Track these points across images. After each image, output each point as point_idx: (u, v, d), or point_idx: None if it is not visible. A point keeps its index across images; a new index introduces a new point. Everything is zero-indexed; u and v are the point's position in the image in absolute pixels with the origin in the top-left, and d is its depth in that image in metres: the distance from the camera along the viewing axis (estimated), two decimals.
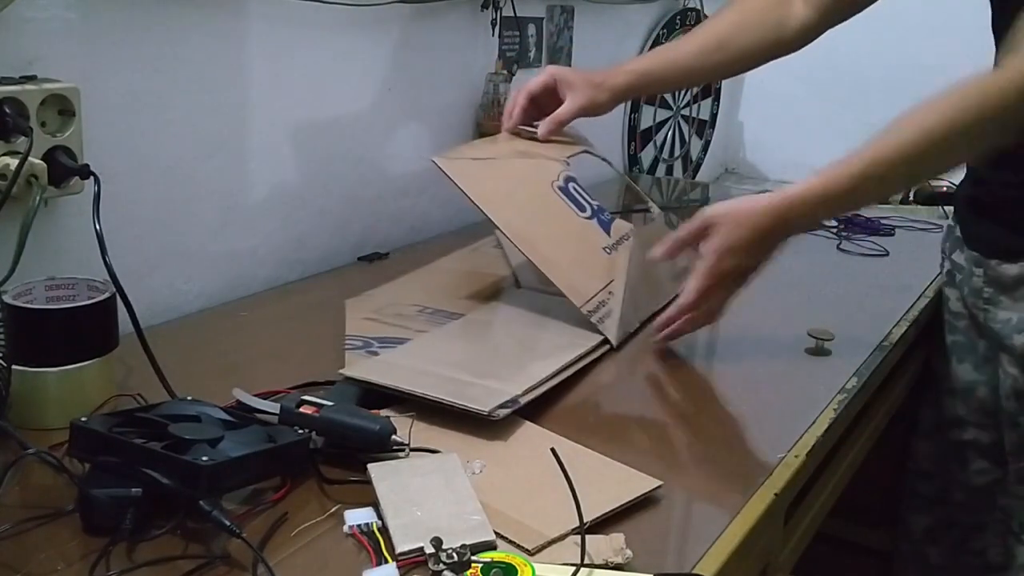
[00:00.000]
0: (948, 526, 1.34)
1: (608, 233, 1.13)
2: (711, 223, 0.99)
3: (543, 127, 1.19)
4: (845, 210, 0.98)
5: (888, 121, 0.95)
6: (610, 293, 1.06)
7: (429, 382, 0.87)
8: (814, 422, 0.91)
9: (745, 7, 1.22)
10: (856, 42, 1.29)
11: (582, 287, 1.04)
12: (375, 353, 0.97)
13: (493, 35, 1.61)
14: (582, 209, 1.14)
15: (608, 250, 1.11)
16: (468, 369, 0.92)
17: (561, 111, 1.18)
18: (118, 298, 0.85)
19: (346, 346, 0.98)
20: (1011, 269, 1.13)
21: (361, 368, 0.91)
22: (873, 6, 1.18)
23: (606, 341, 1.03)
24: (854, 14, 1.20)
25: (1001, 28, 1.19)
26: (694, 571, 0.67)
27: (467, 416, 0.85)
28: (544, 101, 1.20)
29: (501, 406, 0.84)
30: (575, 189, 1.15)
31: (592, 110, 1.20)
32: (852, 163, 0.95)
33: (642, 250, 1.11)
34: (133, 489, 0.66)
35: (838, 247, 1.55)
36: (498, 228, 1.06)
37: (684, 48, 1.24)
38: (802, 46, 1.22)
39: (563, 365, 0.96)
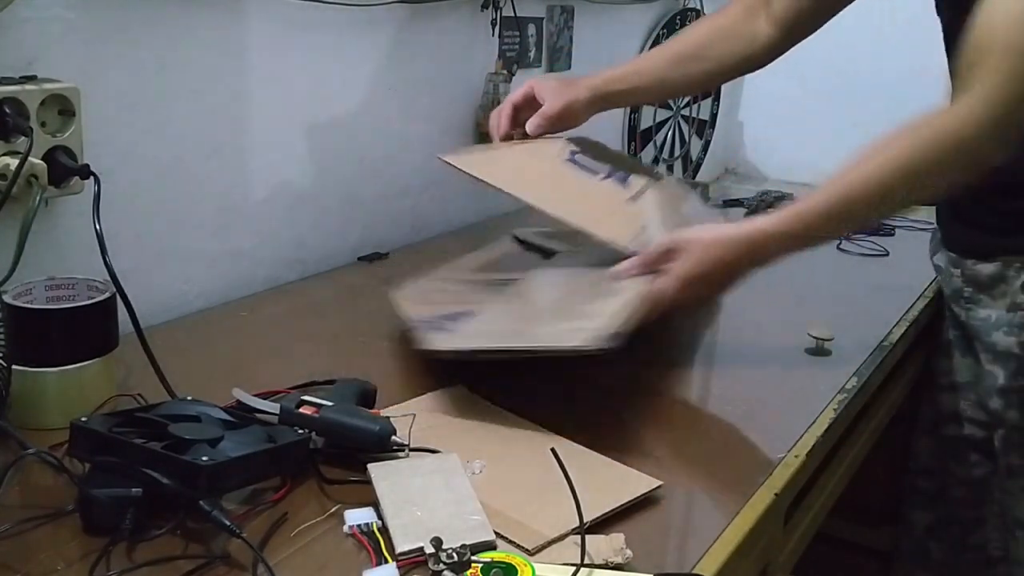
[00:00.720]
0: (949, 522, 1.35)
1: (626, 188, 1.16)
2: (678, 247, 0.97)
3: (531, 123, 1.20)
4: (811, 245, 0.99)
5: (867, 144, 0.96)
6: (644, 227, 1.06)
7: (525, 337, 0.89)
8: (814, 422, 0.91)
9: (717, 22, 1.25)
10: (855, 43, 1.29)
11: (621, 232, 1.04)
12: (444, 328, 0.95)
13: (493, 35, 1.61)
14: (595, 173, 1.17)
15: (633, 199, 1.14)
16: (556, 315, 0.94)
17: (545, 107, 1.19)
18: (118, 298, 0.85)
19: (416, 327, 0.96)
20: (987, 268, 1.15)
21: (448, 340, 0.90)
22: (873, 7, 1.18)
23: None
24: (816, 30, 1.22)
25: (951, 46, 1.21)
26: (694, 571, 0.67)
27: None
28: (528, 113, 1.21)
29: (605, 339, 0.85)
30: (582, 160, 1.19)
31: (573, 107, 1.20)
32: (822, 200, 0.95)
33: (668, 195, 1.15)
34: (133, 489, 0.66)
35: (838, 247, 1.55)
36: (522, 201, 1.05)
37: (659, 56, 1.26)
38: (770, 61, 1.24)
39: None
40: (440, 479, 0.72)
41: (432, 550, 0.63)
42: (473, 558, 0.62)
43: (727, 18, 1.24)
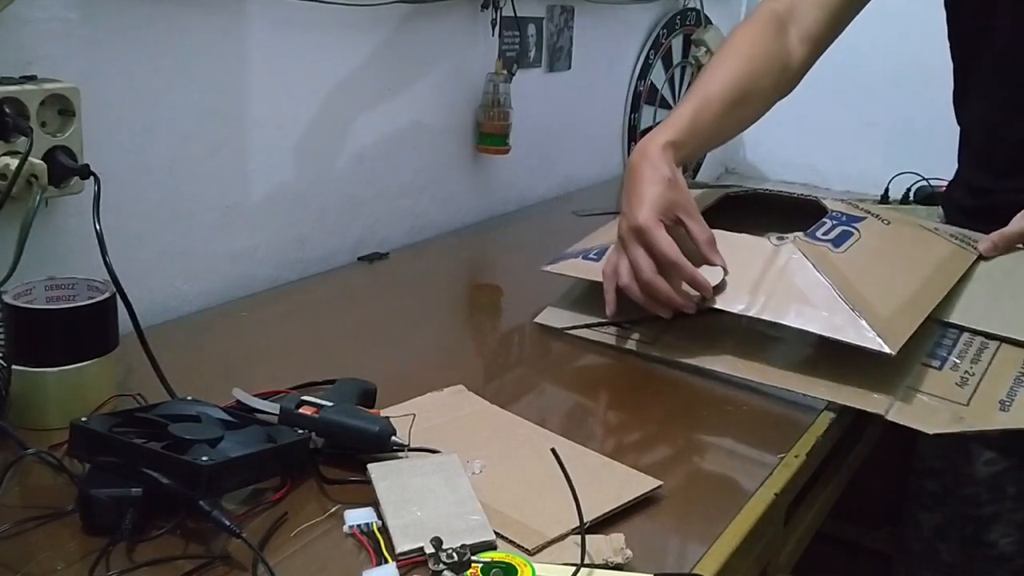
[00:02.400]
0: (960, 522, 1.34)
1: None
2: None
3: (719, 260, 1.01)
4: None
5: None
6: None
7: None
8: (814, 422, 0.91)
9: (749, 53, 1.14)
10: (856, 42, 1.29)
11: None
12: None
13: (493, 35, 1.61)
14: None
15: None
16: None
17: (703, 235, 1.02)
18: (118, 298, 0.85)
19: None
20: None
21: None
22: (874, 6, 1.18)
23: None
24: (834, 40, 1.19)
25: (953, 40, 1.20)
26: (694, 571, 0.67)
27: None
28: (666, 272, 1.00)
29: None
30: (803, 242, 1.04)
31: (685, 190, 1.06)
32: None
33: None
34: (133, 489, 0.66)
35: None
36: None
37: (712, 107, 1.10)
38: (795, 87, 1.19)
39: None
40: (440, 479, 0.72)
41: (432, 550, 0.63)
42: (473, 558, 0.62)
43: (759, 41, 1.14)
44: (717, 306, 0.98)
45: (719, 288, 0.98)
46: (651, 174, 1.01)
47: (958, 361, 0.97)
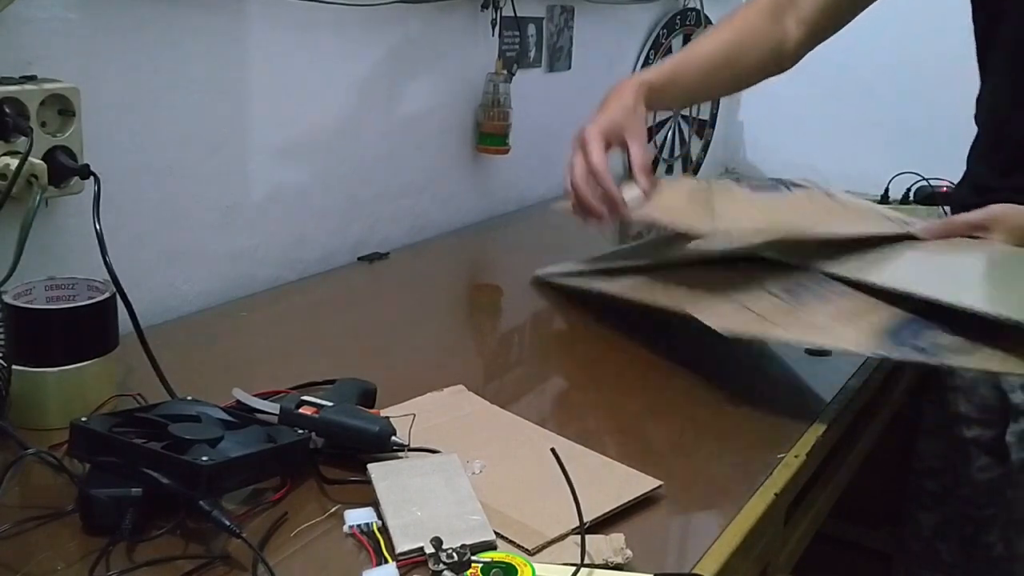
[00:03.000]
0: (957, 522, 1.34)
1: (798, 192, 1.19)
2: (996, 220, 0.98)
3: (644, 183, 1.10)
4: None
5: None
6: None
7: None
8: (814, 422, 0.91)
9: (746, 24, 1.21)
10: (856, 42, 1.29)
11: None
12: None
13: (493, 35, 1.61)
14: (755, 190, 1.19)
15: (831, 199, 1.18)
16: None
17: (639, 159, 1.11)
18: (118, 298, 0.85)
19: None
20: None
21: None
22: (874, 6, 1.18)
23: None
24: (838, 29, 1.21)
25: (979, 36, 1.20)
26: (694, 571, 0.67)
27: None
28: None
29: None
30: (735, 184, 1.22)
31: (640, 117, 1.14)
32: None
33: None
34: (133, 489, 0.66)
35: None
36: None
37: (694, 62, 1.21)
38: (793, 65, 1.23)
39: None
40: (440, 479, 0.72)
41: (432, 550, 0.63)
42: (473, 558, 0.62)
43: (755, 20, 1.21)
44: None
45: (631, 204, 1.08)
46: (614, 103, 1.12)
47: (802, 294, 1.01)
